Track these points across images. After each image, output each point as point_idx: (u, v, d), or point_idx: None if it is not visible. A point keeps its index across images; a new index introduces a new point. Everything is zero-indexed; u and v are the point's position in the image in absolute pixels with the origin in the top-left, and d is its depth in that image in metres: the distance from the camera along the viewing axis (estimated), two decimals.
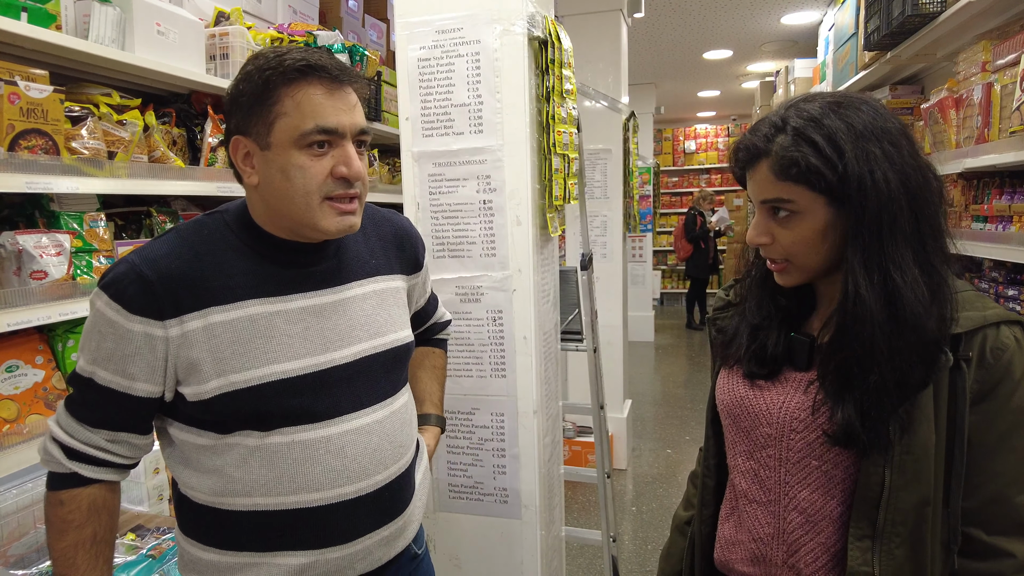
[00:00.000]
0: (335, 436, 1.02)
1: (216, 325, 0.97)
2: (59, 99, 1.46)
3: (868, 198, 0.84)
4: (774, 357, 0.97)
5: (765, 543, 0.97)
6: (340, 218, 0.99)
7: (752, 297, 1.03)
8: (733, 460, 1.03)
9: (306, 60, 0.95)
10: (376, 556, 1.09)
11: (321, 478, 1.01)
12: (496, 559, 1.72)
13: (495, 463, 1.68)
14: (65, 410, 1.00)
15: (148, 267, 0.95)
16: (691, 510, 1.19)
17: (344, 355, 1.05)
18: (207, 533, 1.04)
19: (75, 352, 1.56)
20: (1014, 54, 2.03)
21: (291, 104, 0.95)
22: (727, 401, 1.02)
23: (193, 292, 0.96)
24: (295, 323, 1.02)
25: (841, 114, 0.86)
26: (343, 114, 0.97)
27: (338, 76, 0.97)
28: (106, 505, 1.01)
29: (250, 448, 0.99)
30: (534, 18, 1.57)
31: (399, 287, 1.19)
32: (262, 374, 0.98)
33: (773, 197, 0.90)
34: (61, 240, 1.49)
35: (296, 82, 0.95)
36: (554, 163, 1.63)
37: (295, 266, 1.04)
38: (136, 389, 0.96)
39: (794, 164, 0.86)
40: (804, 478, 0.93)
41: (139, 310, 0.94)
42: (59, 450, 0.98)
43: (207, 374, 0.96)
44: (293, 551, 1.02)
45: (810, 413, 0.91)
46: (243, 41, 2.03)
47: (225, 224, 1.03)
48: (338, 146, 0.98)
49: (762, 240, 0.93)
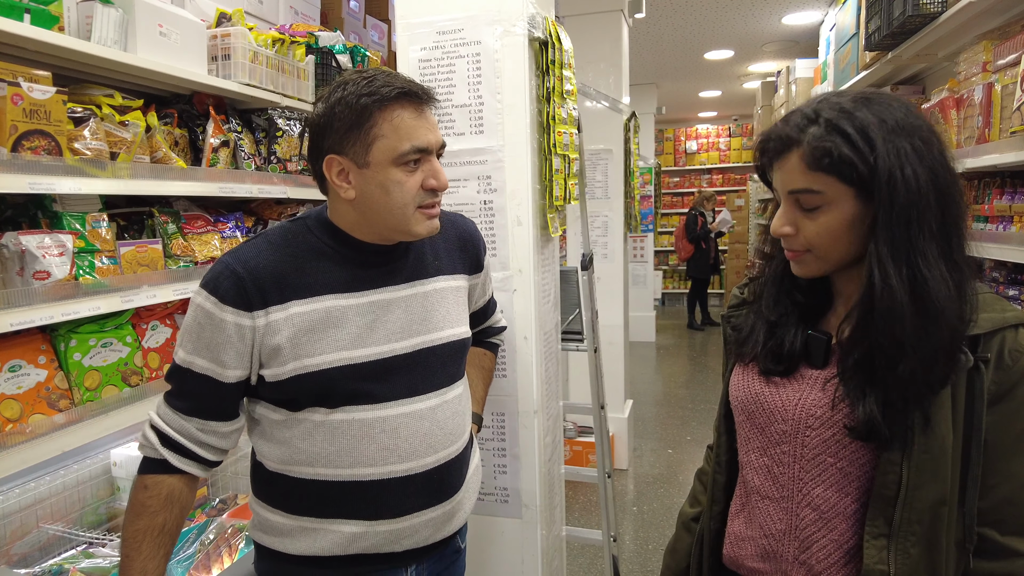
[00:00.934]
0: (390, 417, 1.14)
1: (296, 316, 1.10)
2: (62, 100, 1.46)
3: (898, 192, 0.84)
4: (791, 354, 0.97)
5: (776, 539, 0.97)
6: (429, 222, 1.14)
7: (768, 294, 1.03)
8: (746, 456, 1.03)
9: (397, 86, 1.07)
10: (423, 535, 1.19)
11: (375, 455, 1.13)
12: (497, 558, 1.72)
13: (496, 463, 1.68)
14: (164, 401, 1.14)
15: (240, 266, 1.10)
16: (697, 507, 1.19)
17: (404, 346, 1.17)
18: (275, 497, 1.17)
19: (77, 352, 1.57)
20: (1015, 54, 2.03)
21: (389, 127, 1.07)
22: (742, 397, 1.02)
23: (278, 287, 1.10)
24: (364, 315, 1.15)
25: (873, 109, 0.87)
26: (431, 133, 1.10)
27: (424, 99, 1.10)
28: (180, 499, 1.13)
29: (316, 423, 1.12)
30: (535, 19, 1.57)
31: (460, 286, 1.29)
32: (332, 359, 1.11)
33: (803, 187, 0.89)
34: (64, 240, 1.49)
35: (390, 107, 1.07)
36: (555, 163, 1.63)
37: (369, 265, 1.17)
38: (227, 376, 1.10)
39: (827, 154, 0.86)
40: (819, 475, 0.93)
41: (232, 302, 1.08)
42: (155, 436, 1.12)
43: (285, 358, 1.10)
44: (347, 519, 1.14)
45: (828, 409, 0.92)
46: (245, 42, 2.04)
47: (308, 229, 1.17)
48: (427, 161, 1.11)
49: (786, 230, 0.93)
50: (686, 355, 7.39)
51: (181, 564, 1.50)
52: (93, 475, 1.77)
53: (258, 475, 1.21)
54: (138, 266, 1.71)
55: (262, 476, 1.20)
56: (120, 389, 1.66)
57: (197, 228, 1.99)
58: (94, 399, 1.59)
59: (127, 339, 1.70)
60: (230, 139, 2.07)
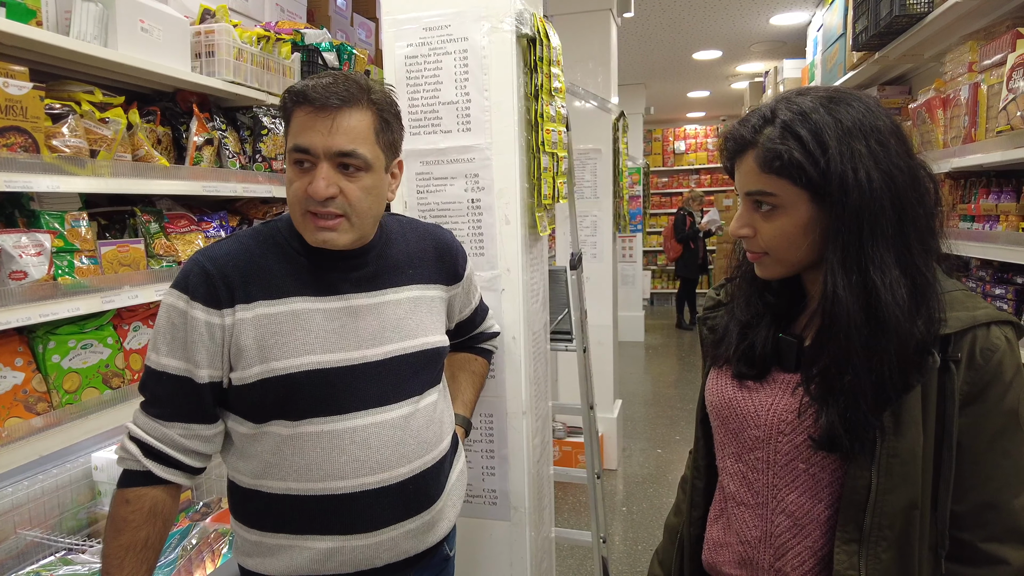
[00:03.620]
0: (360, 428, 1.11)
1: (262, 316, 1.09)
2: (39, 96, 1.43)
3: (849, 196, 0.83)
4: (763, 357, 0.96)
5: (752, 546, 0.96)
6: (317, 232, 1.08)
7: (741, 294, 1.02)
8: (722, 462, 1.02)
9: (307, 85, 1.06)
10: (403, 548, 1.16)
11: (346, 467, 1.10)
12: (485, 561, 1.70)
13: (484, 464, 1.66)
14: (141, 411, 1.10)
15: (209, 263, 1.09)
16: (680, 516, 1.17)
17: (375, 353, 1.14)
18: (250, 515, 1.15)
19: (56, 354, 1.53)
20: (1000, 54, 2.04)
21: (293, 124, 1.08)
22: (716, 402, 1.01)
23: (245, 286, 1.09)
24: (332, 320, 1.12)
25: (831, 109, 0.85)
26: (318, 136, 1.05)
27: (317, 102, 1.04)
28: (164, 511, 1.09)
29: (283, 437, 1.10)
30: (522, 15, 1.56)
31: (436, 296, 1.27)
32: (299, 363, 1.08)
33: (756, 189, 0.89)
34: (41, 240, 1.46)
35: (299, 104, 1.07)
36: (543, 161, 1.61)
37: (336, 270, 1.14)
38: (201, 376, 1.07)
39: (777, 157, 0.85)
40: (791, 481, 0.92)
41: (201, 298, 1.07)
42: (137, 447, 1.08)
43: (251, 359, 1.07)
44: (320, 535, 1.11)
45: (796, 416, 0.90)
46: (229, 39, 2.01)
47: (278, 230, 1.16)
48: (318, 166, 1.06)
49: (744, 232, 0.93)
50: (675, 355, 7.41)
51: (162, 570, 1.47)
52: (73, 479, 1.73)
53: (233, 494, 1.18)
54: (119, 266, 1.68)
55: (237, 494, 1.17)
56: (101, 392, 1.63)
57: (180, 227, 1.95)
58: (73, 402, 1.56)
59: (108, 340, 1.67)
60: (214, 137, 2.04)
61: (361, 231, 1.12)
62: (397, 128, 1.15)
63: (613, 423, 4.16)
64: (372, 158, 1.08)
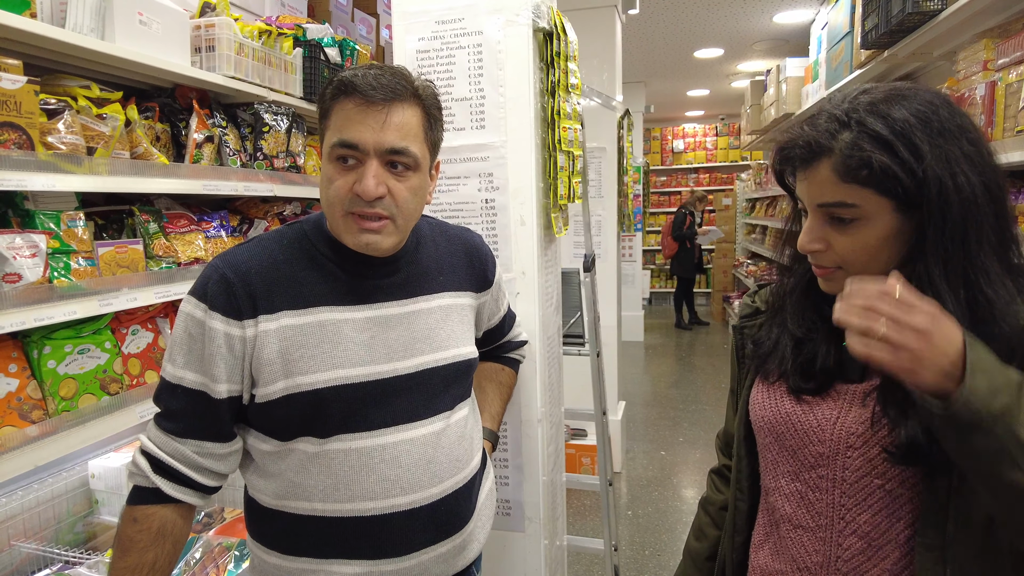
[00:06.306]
0: (390, 445, 1.05)
1: (287, 328, 1.02)
2: (33, 90, 1.37)
3: (951, 204, 0.76)
4: (823, 370, 0.89)
5: (812, 572, 0.89)
6: (358, 236, 1.01)
7: (792, 308, 0.95)
8: (774, 481, 0.95)
9: (347, 78, 0.99)
10: (433, 573, 1.09)
11: (375, 487, 1.04)
12: (499, 574, 1.65)
13: (498, 474, 1.61)
14: (155, 424, 1.04)
15: (230, 269, 1.02)
16: (705, 540, 1.12)
17: (406, 366, 1.08)
18: (270, 537, 1.08)
19: (52, 359, 1.47)
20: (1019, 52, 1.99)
21: (334, 118, 1.01)
22: (769, 418, 0.94)
23: (268, 296, 1.02)
24: (362, 332, 1.06)
25: (912, 107, 0.79)
26: (368, 131, 0.98)
27: (369, 95, 0.98)
28: (173, 532, 1.02)
29: (309, 455, 1.03)
30: (539, 8, 1.50)
31: (466, 304, 1.21)
32: (326, 378, 1.02)
33: (835, 200, 0.81)
34: (36, 241, 1.40)
35: (342, 97, 1.00)
36: (559, 160, 1.56)
37: (365, 277, 1.08)
38: (219, 391, 1.01)
39: (865, 165, 0.77)
40: (864, 499, 0.85)
41: (220, 308, 1.00)
42: (147, 462, 1.02)
43: (276, 374, 1.01)
44: (347, 560, 1.04)
45: (869, 427, 0.84)
46: (230, 33, 1.94)
47: (304, 234, 1.09)
48: (365, 163, 0.99)
49: (816, 247, 0.85)
50: (674, 355, 7.37)
51: None
52: (70, 488, 1.67)
53: (252, 513, 1.11)
54: (117, 267, 1.62)
55: (256, 514, 1.10)
56: (99, 398, 1.57)
57: (180, 227, 1.89)
58: (70, 409, 1.50)
59: (106, 345, 1.61)
60: (214, 134, 1.97)
61: (403, 235, 1.07)
62: (441, 126, 1.09)
63: (617, 425, 4.12)
64: (421, 157, 1.03)
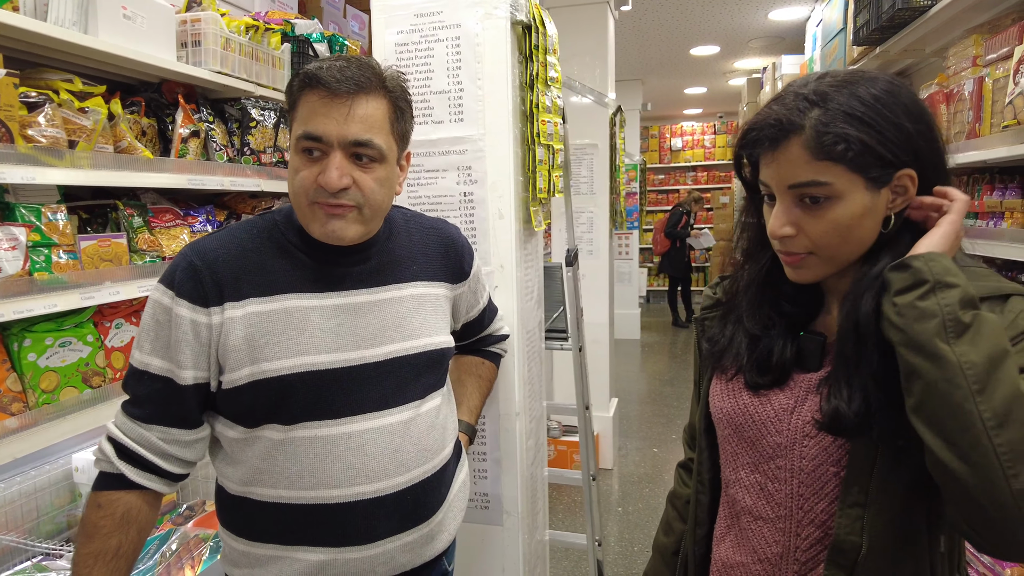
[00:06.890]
0: (356, 433, 1.05)
1: (253, 315, 1.03)
2: (13, 83, 1.37)
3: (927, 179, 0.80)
4: (780, 364, 0.88)
5: (773, 563, 0.88)
6: (325, 221, 1.02)
7: (746, 303, 0.94)
8: (734, 473, 0.94)
9: (312, 70, 1.00)
10: (399, 561, 1.10)
11: (340, 475, 1.04)
12: (476, 567, 1.65)
13: (476, 467, 1.61)
14: (121, 411, 1.05)
15: (197, 257, 1.03)
16: (672, 535, 1.11)
17: (375, 354, 1.08)
18: (238, 524, 1.09)
19: (32, 352, 1.48)
20: (1006, 48, 1.99)
21: (300, 110, 1.01)
22: (728, 410, 0.93)
23: (235, 283, 1.03)
24: (329, 319, 1.06)
25: (879, 88, 0.79)
26: (332, 124, 0.98)
27: (332, 87, 0.98)
28: (138, 519, 1.03)
29: (275, 442, 1.04)
30: (517, 1, 1.50)
31: (441, 294, 1.21)
32: (291, 364, 1.02)
33: (807, 180, 0.79)
34: (16, 233, 1.40)
35: (308, 89, 1.00)
36: (538, 154, 1.56)
37: (335, 265, 1.08)
38: (184, 377, 1.01)
39: (841, 139, 0.76)
40: (821, 487, 0.84)
41: (187, 295, 1.01)
42: (112, 448, 1.03)
43: (241, 361, 1.01)
44: (312, 547, 1.05)
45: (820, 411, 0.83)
46: (216, 28, 1.95)
47: (274, 223, 1.10)
48: (330, 155, 1.00)
49: (786, 232, 0.82)
50: (670, 353, 7.37)
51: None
52: (52, 481, 1.68)
53: (222, 500, 1.12)
54: (100, 261, 1.62)
55: (225, 501, 1.11)
56: (80, 391, 1.57)
57: (165, 222, 1.90)
58: (51, 402, 1.50)
59: (88, 338, 1.61)
60: (201, 129, 1.98)
61: (370, 225, 1.07)
62: (409, 118, 1.09)
63: (609, 422, 4.12)
64: (387, 149, 1.03)
